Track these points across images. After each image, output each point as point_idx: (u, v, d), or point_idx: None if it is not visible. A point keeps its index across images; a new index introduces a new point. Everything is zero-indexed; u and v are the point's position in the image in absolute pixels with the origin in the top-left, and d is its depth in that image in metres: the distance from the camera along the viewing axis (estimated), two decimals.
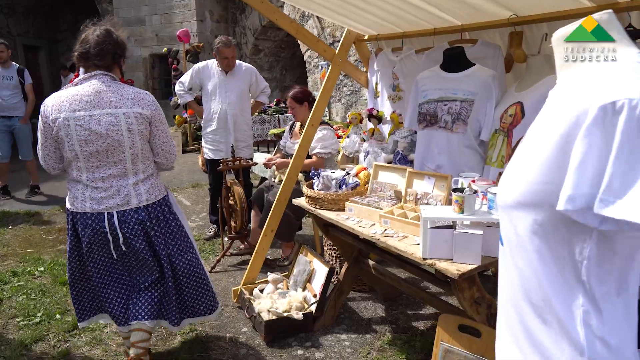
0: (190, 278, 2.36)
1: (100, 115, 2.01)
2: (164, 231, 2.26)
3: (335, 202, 2.53)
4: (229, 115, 4.33)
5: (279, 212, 3.28)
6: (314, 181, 2.74)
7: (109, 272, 2.26)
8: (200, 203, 5.78)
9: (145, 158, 2.17)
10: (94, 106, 2.02)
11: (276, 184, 3.88)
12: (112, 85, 2.08)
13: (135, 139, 2.09)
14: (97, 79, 2.07)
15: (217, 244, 4.36)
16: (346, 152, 3.06)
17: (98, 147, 2.03)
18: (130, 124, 2.05)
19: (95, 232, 2.11)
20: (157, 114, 2.17)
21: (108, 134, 2.02)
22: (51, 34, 14.64)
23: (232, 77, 4.36)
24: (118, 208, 2.10)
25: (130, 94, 2.09)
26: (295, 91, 3.90)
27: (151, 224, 2.18)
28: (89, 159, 2.05)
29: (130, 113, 2.05)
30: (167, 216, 2.28)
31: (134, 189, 2.13)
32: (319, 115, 3.36)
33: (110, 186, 2.09)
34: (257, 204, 3.95)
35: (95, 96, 2.03)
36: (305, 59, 7.94)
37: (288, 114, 8.10)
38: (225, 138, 4.38)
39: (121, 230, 2.12)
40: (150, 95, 2.18)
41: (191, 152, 9.51)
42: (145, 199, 2.17)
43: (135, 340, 2.26)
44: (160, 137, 2.21)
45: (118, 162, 2.09)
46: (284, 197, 3.28)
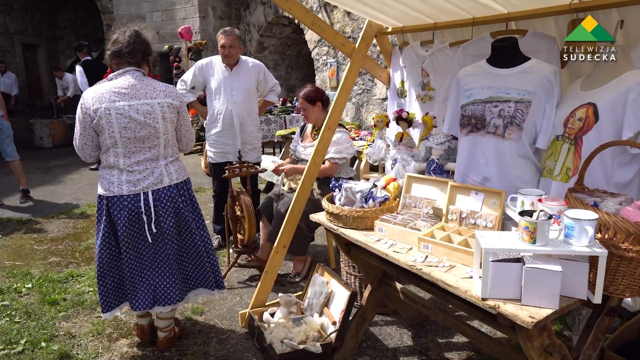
0: (207, 250, 2.60)
1: (138, 105, 2.28)
2: (189, 208, 2.52)
3: (362, 220, 2.17)
4: (235, 115, 3.97)
5: (291, 226, 2.92)
6: (334, 194, 2.38)
7: (141, 257, 2.41)
8: (203, 209, 5.41)
9: (173, 143, 2.46)
10: (131, 97, 2.28)
11: (286, 192, 3.51)
12: (144, 79, 2.35)
13: (167, 126, 2.37)
14: (130, 75, 2.33)
15: (222, 257, 4.00)
16: (370, 160, 2.70)
17: (136, 133, 2.28)
18: (164, 113, 2.34)
19: (131, 213, 2.33)
20: (183, 105, 2.48)
21: (146, 121, 2.29)
22: (50, 32, 14.29)
23: (237, 74, 3.99)
24: (153, 187, 2.34)
25: (161, 87, 2.38)
26: (307, 90, 3.54)
27: (181, 199, 2.45)
28: (127, 145, 2.29)
29: (164, 103, 2.34)
30: (192, 194, 2.56)
31: (166, 169, 2.40)
32: (336, 117, 3.00)
33: (145, 169, 2.34)
34: (266, 214, 3.59)
35: (131, 89, 2.29)
36: (313, 56, 7.58)
37: (295, 114, 7.74)
38: (232, 140, 4.02)
39: (155, 209, 2.36)
40: (176, 90, 2.47)
41: (193, 154, 9.16)
42: (175, 178, 2.44)
43: (161, 327, 2.60)
44: (184, 125, 2.52)
45: (153, 147, 2.35)
46: (297, 210, 2.92)
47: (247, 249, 3.44)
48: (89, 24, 13.90)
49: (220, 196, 4.08)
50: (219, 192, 4.15)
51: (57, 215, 5.36)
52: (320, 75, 7.52)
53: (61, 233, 4.76)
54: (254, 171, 3.45)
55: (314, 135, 3.67)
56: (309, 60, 11.20)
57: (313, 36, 7.42)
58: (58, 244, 4.47)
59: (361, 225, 2.18)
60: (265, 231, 3.59)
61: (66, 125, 10.40)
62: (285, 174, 3.49)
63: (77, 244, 4.42)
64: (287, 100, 8.38)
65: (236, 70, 3.99)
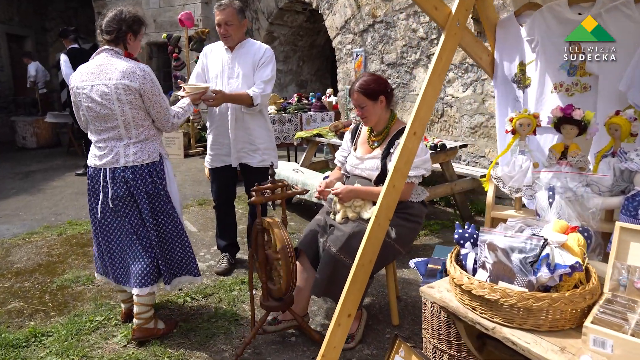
0: (175, 238, 2.59)
1: (98, 86, 2.33)
2: (151, 194, 2.48)
3: (542, 315, 1.15)
4: (231, 108, 3.15)
5: (360, 281, 1.91)
6: (465, 252, 1.36)
7: (107, 231, 2.52)
8: (210, 229, 4.40)
9: (138, 125, 2.42)
10: (95, 77, 2.34)
11: (338, 223, 2.49)
12: (112, 59, 2.38)
13: (125, 108, 2.35)
14: (105, 53, 2.41)
15: (240, 299, 2.98)
16: (506, 188, 1.68)
17: (98, 113, 2.37)
18: (119, 95, 2.32)
19: (95, 185, 2.48)
20: (147, 87, 2.38)
21: (102, 102, 2.34)
22: (39, 23, 13.20)
23: (238, 58, 3.15)
24: (110, 165, 2.40)
25: (122, 67, 2.34)
26: (364, 81, 2.52)
27: (135, 183, 2.42)
28: (94, 123, 2.42)
29: (119, 84, 2.31)
30: (155, 180, 2.48)
31: (124, 150, 2.41)
32: (425, 116, 2.01)
33: (106, 146, 2.42)
34: (307, 252, 2.57)
35: (97, 68, 2.36)
36: (335, 45, 6.55)
37: (312, 113, 6.70)
38: (227, 139, 3.23)
39: (111, 186, 2.41)
40: (142, 70, 2.37)
41: (194, 157, 8.13)
42: (132, 160, 2.41)
43: (136, 312, 2.51)
44: (153, 107, 2.45)
45: (114, 127, 2.40)
46: (369, 259, 1.92)
47: (282, 304, 2.42)
48: (80, 14, 12.90)
49: (220, 206, 3.47)
50: (219, 201, 3.45)
51: (28, 236, 4.32)
52: (344, 67, 6.49)
53: (30, 263, 3.72)
54: (291, 193, 2.43)
55: (372, 142, 2.65)
56: (323, 53, 10.16)
57: (335, 22, 6.40)
58: (24, 279, 3.44)
59: (539, 324, 1.16)
60: (304, 276, 2.57)
61: (51, 123, 9.36)
62: (341, 199, 2.47)
63: (49, 281, 3.39)
64: (303, 97, 7.35)
65: (238, 53, 3.14)
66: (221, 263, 3.48)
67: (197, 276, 2.68)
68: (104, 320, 2.80)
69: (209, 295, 3.11)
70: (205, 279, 3.37)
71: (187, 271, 2.65)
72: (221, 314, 2.86)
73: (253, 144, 3.24)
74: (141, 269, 2.46)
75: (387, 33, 5.60)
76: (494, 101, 4.43)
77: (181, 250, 2.62)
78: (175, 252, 2.60)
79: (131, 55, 2.47)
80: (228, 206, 3.49)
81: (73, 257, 3.82)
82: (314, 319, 2.80)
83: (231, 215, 3.52)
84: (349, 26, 6.17)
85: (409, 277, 3.35)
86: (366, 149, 2.66)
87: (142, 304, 2.51)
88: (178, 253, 2.61)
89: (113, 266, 2.57)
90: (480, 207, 4.59)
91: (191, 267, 2.65)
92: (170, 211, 2.54)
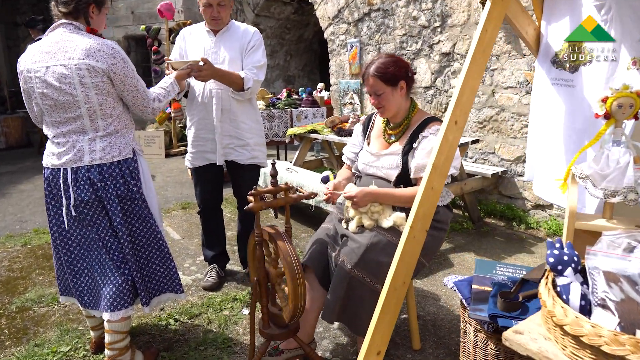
0: (153, 250, 2.18)
1: (55, 67, 1.91)
2: (123, 198, 2.07)
3: None
4: (216, 98, 2.74)
5: (392, 310, 1.52)
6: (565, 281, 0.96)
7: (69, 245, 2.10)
8: (195, 236, 3.95)
9: (106, 115, 2.02)
10: (51, 57, 1.93)
11: (353, 232, 2.08)
12: (71, 35, 1.96)
13: (89, 93, 1.95)
14: (62, 28, 1.99)
15: (233, 320, 2.55)
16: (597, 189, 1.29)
17: (56, 100, 1.95)
18: (82, 77, 1.91)
19: (53, 190, 2.05)
20: (119, 67, 1.98)
21: (61, 87, 1.92)
22: (10, 16, 12.51)
23: (222, 42, 2.76)
24: (71, 164, 1.99)
25: (85, 44, 1.93)
26: (382, 63, 2.12)
27: (104, 186, 2.01)
28: (51, 114, 1.99)
29: (82, 65, 1.90)
30: (128, 181, 2.07)
31: (89, 146, 2.00)
32: (468, 102, 1.62)
33: (67, 141, 2.00)
34: (315, 268, 2.15)
35: (53, 47, 1.94)
36: (327, 36, 6.13)
37: (303, 109, 6.28)
38: (212, 134, 2.82)
39: (73, 190, 2.00)
40: (110, 47, 1.96)
41: (176, 156, 7.63)
42: (99, 157, 2.00)
43: (108, 342, 2.08)
44: (128, 92, 2.06)
45: (77, 118, 1.98)
46: (401, 281, 1.52)
47: (286, 331, 2.01)
48: None
49: (206, 210, 3.05)
50: (204, 205, 3.03)
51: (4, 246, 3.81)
52: (337, 59, 6.08)
53: None
54: (297, 197, 2.01)
55: (389, 136, 2.25)
56: (311, 47, 9.75)
57: (327, 11, 5.99)
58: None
59: None
60: (310, 295, 2.16)
61: (23, 121, 8.75)
62: (356, 204, 2.06)
63: (7, 301, 2.91)
64: (293, 92, 6.92)
65: (221, 37, 2.75)
66: (209, 276, 3.05)
67: (180, 293, 2.28)
68: (70, 352, 2.35)
69: (196, 316, 2.67)
70: (190, 295, 2.93)
71: (168, 288, 2.26)
72: (211, 340, 2.42)
73: (241, 138, 2.83)
74: (113, 290, 2.05)
75: (384, 22, 5.22)
76: (504, 93, 4.08)
77: (161, 264, 2.22)
78: (154, 266, 2.21)
79: (94, 32, 2.03)
80: (215, 210, 3.06)
81: (38, 271, 3.34)
82: (320, 342, 2.40)
83: (219, 220, 3.09)
84: (343, 15, 5.77)
85: (421, 288, 2.96)
86: (382, 143, 2.26)
87: (115, 331, 2.08)
88: (157, 267, 2.22)
89: (78, 287, 2.16)
90: (490, 209, 4.24)
91: (173, 283, 2.27)
92: (147, 218, 2.14)
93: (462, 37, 4.35)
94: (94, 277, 2.11)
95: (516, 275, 1.67)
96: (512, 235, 3.85)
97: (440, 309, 2.71)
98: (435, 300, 2.81)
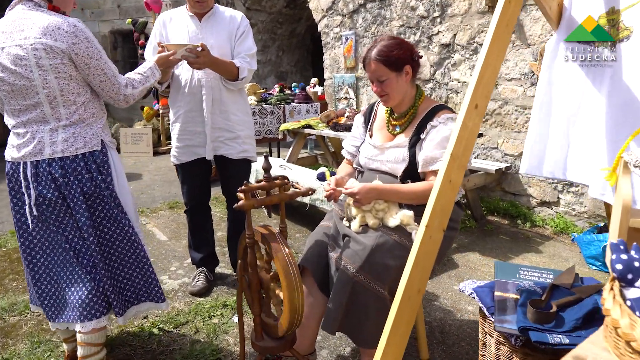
0: (127, 254, 1.95)
1: (10, 48, 1.71)
2: (90, 195, 1.84)
3: None
4: (206, 88, 2.55)
5: (406, 322, 1.31)
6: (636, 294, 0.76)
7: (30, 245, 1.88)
8: (183, 237, 3.72)
9: (69, 102, 1.80)
10: (7, 37, 1.73)
11: (356, 232, 1.87)
12: (31, 12, 1.76)
13: (48, 77, 1.73)
14: (21, 5, 1.78)
15: (223, 328, 2.33)
16: None
17: (12, 85, 1.74)
18: (39, 59, 1.71)
19: (14, 186, 1.85)
20: (81, 48, 1.76)
21: (17, 70, 1.72)
22: None
23: (209, 28, 2.56)
24: (31, 158, 1.78)
25: (43, 22, 1.72)
26: (384, 46, 1.91)
27: (67, 181, 1.79)
28: (10, 102, 1.79)
29: (38, 45, 1.69)
30: (95, 176, 1.85)
31: (50, 137, 1.79)
32: (490, 82, 1.43)
33: (26, 132, 1.80)
34: (314, 271, 1.94)
35: (10, 26, 1.74)
36: (321, 29, 5.92)
37: (296, 104, 6.07)
38: (201, 126, 2.61)
39: (33, 186, 1.79)
40: (71, 25, 1.74)
41: (165, 154, 7.38)
42: (60, 150, 1.79)
43: (82, 355, 1.88)
44: (94, 76, 1.83)
45: (36, 105, 1.77)
46: (417, 287, 1.31)
47: (282, 344, 1.79)
48: None
49: (194, 210, 2.83)
50: (192, 203, 2.82)
51: None
52: (331, 53, 5.87)
53: None
54: (293, 194, 1.79)
55: (393, 127, 2.04)
56: (304, 43, 9.52)
57: (320, 3, 5.77)
58: None
59: None
60: (309, 301, 1.94)
61: None
62: (359, 201, 1.85)
63: None
64: (285, 87, 6.71)
65: (207, 22, 2.55)
66: (197, 280, 2.83)
67: (161, 303, 2.05)
68: None
69: (182, 325, 2.45)
70: (177, 301, 2.70)
71: (147, 297, 2.04)
72: (199, 352, 2.21)
73: (232, 130, 2.64)
74: (82, 298, 1.84)
75: (381, 13, 5.02)
76: (508, 85, 3.89)
77: (137, 269, 2.00)
78: (129, 272, 1.99)
79: (57, 9, 1.81)
80: (203, 208, 2.85)
81: (12, 276, 3.09)
82: (318, 353, 2.19)
83: (207, 219, 2.88)
84: (337, 7, 5.56)
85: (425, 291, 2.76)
86: (386, 135, 2.05)
87: (89, 343, 1.88)
88: (133, 273, 2.00)
89: (40, 296, 1.94)
90: (492, 206, 4.06)
91: (152, 291, 2.03)
92: (119, 218, 1.91)
93: (463, 28, 4.16)
94: (60, 285, 1.90)
95: (543, 279, 1.47)
96: (517, 233, 3.66)
97: (447, 314, 2.51)
98: (441, 305, 2.62)
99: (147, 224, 4.08)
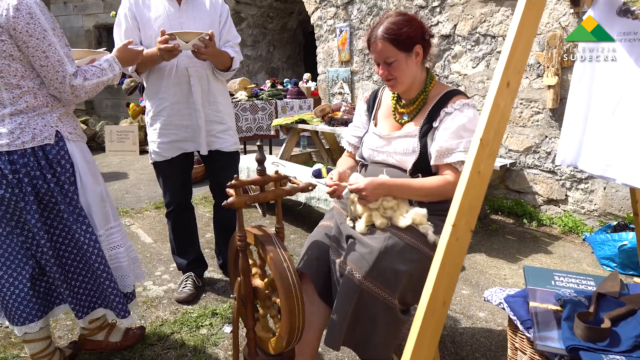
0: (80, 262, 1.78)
1: None
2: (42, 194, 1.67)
3: None
4: (194, 76, 2.35)
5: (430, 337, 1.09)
6: None
7: None
8: None
9: (11, 85, 1.61)
10: None
11: (362, 232, 1.65)
12: None
13: None
14: None
15: (212, 340, 2.09)
16: None
17: None
18: None
19: None
20: (20, 23, 1.55)
21: None
22: None
23: (189, 12, 2.34)
24: None
25: None
26: (392, 23, 1.69)
27: (18, 178, 1.62)
28: None
29: None
30: (46, 173, 1.66)
31: None
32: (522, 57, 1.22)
33: None
34: (314, 277, 1.72)
35: None
36: (314, 21, 5.70)
37: (289, 100, 5.84)
38: (188, 119, 2.39)
39: None
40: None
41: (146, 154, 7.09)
42: (6, 143, 1.61)
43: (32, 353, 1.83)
44: (34, 58, 1.60)
45: None
46: (442, 299, 1.10)
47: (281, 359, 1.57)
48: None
49: (177, 211, 2.59)
50: (175, 204, 2.57)
51: None
52: (325, 46, 5.65)
53: None
54: (290, 190, 1.57)
55: (400, 115, 1.83)
56: (295, 38, 9.29)
57: None
58: None
59: None
60: (309, 311, 1.72)
61: None
62: (365, 198, 1.63)
63: None
64: (277, 82, 6.47)
65: (187, 5, 2.34)
66: (184, 287, 2.60)
67: (122, 318, 1.84)
68: None
69: (167, 336, 2.21)
70: (161, 310, 2.47)
71: (100, 303, 1.87)
72: None
73: (223, 122, 2.48)
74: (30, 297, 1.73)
75: (377, 3, 4.81)
76: None
77: (87, 277, 1.82)
78: (78, 280, 1.82)
79: None
80: (187, 210, 2.62)
81: None
82: None
83: (190, 220, 2.65)
84: None
85: None
86: (392, 124, 1.84)
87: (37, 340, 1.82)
88: (84, 280, 1.83)
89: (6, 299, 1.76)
90: (496, 205, 3.87)
91: (106, 299, 1.85)
92: (70, 219, 1.70)
93: (464, 17, 3.97)
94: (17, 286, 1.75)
95: (585, 287, 1.27)
96: (523, 233, 3.48)
97: (457, 322, 2.31)
98: (450, 311, 2.41)
99: (131, 225, 3.83)
